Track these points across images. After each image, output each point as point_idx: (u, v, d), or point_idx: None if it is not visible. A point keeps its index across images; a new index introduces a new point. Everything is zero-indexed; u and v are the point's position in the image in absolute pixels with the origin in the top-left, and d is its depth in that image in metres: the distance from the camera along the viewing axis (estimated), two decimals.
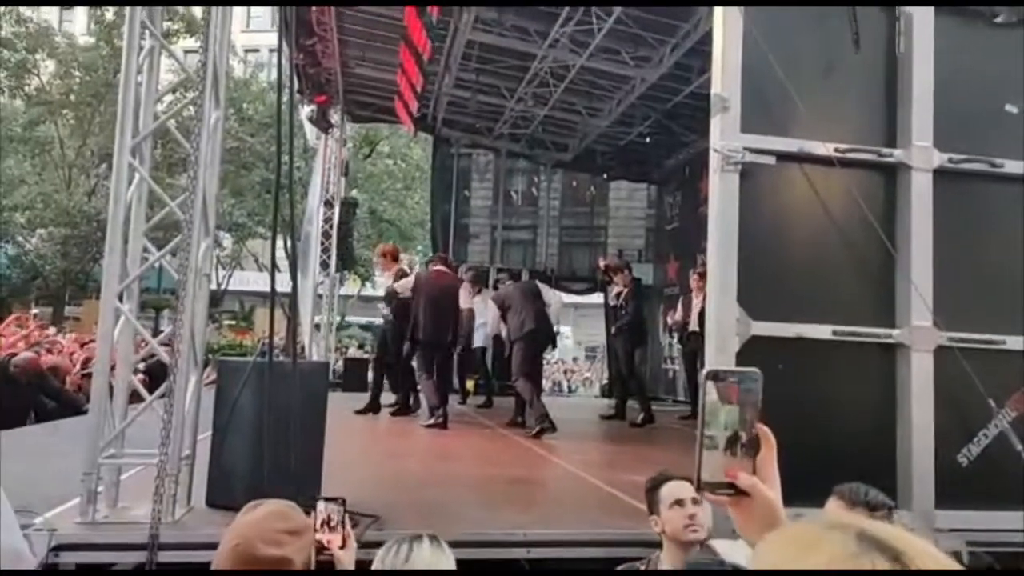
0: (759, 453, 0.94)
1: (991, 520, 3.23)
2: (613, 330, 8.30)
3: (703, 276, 8.09)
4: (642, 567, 2.41)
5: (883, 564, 0.58)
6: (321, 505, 2.16)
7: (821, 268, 3.49)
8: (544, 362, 13.20)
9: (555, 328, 7.26)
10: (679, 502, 2.27)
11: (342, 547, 2.13)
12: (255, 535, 1.69)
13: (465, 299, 7.15)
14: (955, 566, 0.61)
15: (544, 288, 7.38)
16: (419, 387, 7.39)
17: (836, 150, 3.41)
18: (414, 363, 7.36)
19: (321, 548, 2.11)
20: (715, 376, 0.95)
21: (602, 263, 9.12)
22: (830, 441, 3.26)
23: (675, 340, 9.55)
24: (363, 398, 7.95)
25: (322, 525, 2.14)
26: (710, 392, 0.94)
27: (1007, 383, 3.43)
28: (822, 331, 3.36)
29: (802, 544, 0.63)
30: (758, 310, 3.29)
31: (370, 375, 9.17)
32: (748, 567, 0.95)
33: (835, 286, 3.48)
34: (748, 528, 0.94)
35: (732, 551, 2.05)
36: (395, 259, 7.69)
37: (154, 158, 3.94)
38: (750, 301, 3.28)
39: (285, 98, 3.31)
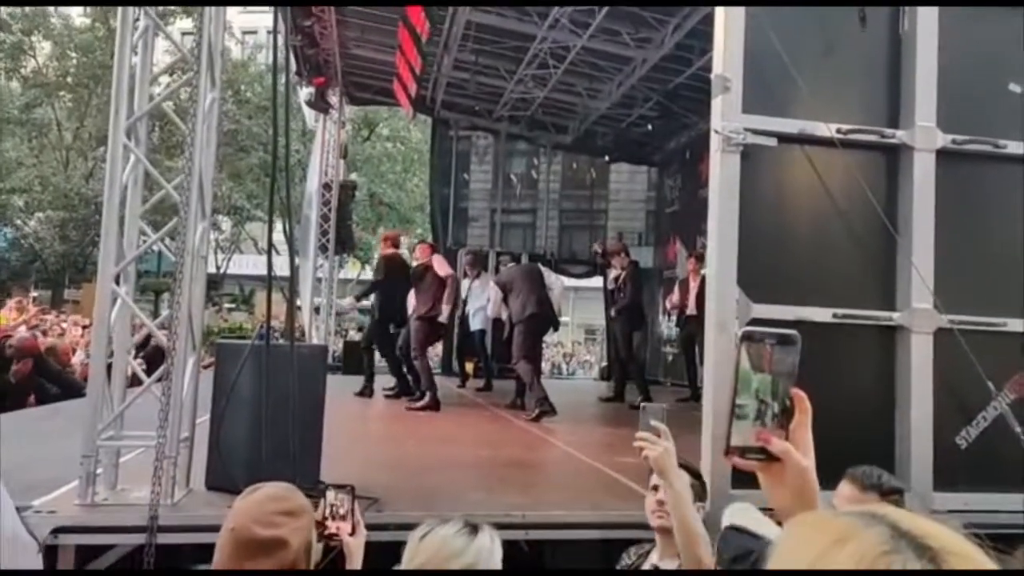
0: (792, 420, 0.90)
1: (989, 502, 3.24)
2: (613, 313, 8.29)
3: (700, 259, 8.10)
4: (640, 554, 2.39)
5: (915, 564, 0.55)
6: (330, 493, 2.17)
7: (822, 250, 3.47)
8: (544, 345, 13.22)
9: (558, 312, 7.28)
10: (654, 487, 2.27)
11: (351, 534, 2.13)
12: (252, 518, 1.69)
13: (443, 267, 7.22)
14: (992, 566, 0.58)
15: (547, 272, 7.37)
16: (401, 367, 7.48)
17: (838, 131, 3.38)
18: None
19: (331, 535, 2.11)
20: (749, 337, 0.90)
21: (598, 247, 9.09)
22: (830, 423, 3.24)
23: (673, 323, 9.55)
24: (362, 381, 7.98)
25: (331, 513, 2.15)
26: (742, 358, 0.89)
27: (1006, 365, 3.42)
28: (823, 314, 3.35)
29: (832, 535, 0.60)
30: (758, 293, 3.27)
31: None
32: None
33: (836, 268, 3.46)
34: (778, 496, 0.90)
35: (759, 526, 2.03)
36: (395, 245, 7.82)
37: (152, 141, 3.90)
38: (750, 283, 3.27)
39: (282, 79, 3.27)
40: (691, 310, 8.07)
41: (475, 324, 9.40)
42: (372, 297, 7.76)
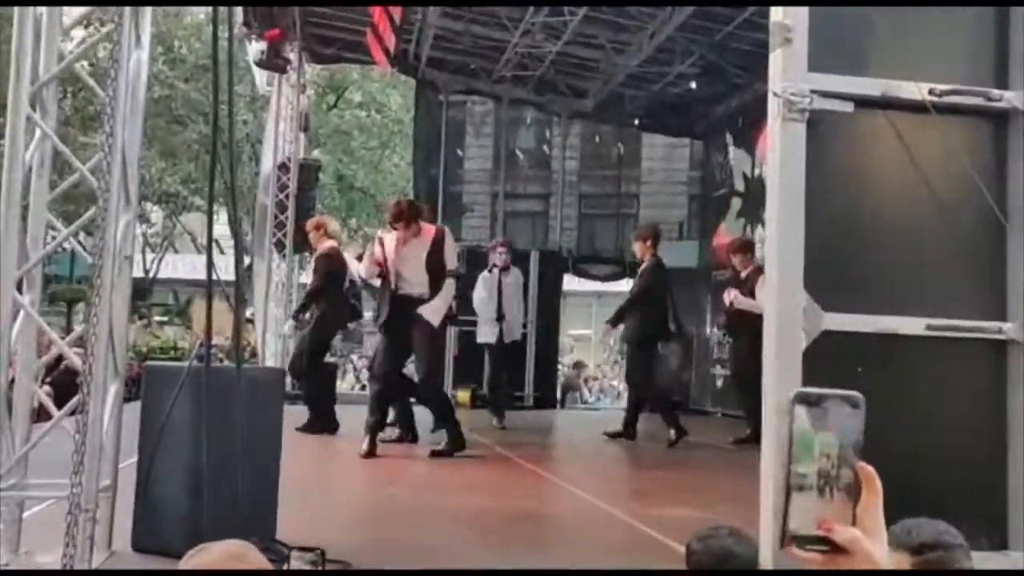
0: (860, 499, 0.93)
1: None
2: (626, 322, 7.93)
3: (745, 248, 8.00)
4: None
5: None
6: (295, 557, 2.19)
7: (911, 244, 3.47)
8: (560, 366, 13.19)
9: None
10: None
11: None
12: None
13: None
14: None
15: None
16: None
17: (931, 92, 3.38)
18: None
19: None
20: (804, 399, 0.94)
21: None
22: (923, 463, 3.25)
23: (723, 334, 9.49)
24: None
25: None
26: (799, 418, 0.93)
27: None
28: (913, 325, 3.34)
29: None
30: (830, 298, 3.27)
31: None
32: None
33: (929, 267, 3.46)
34: None
35: None
36: (327, 233, 7.91)
37: (63, 110, 3.93)
38: (820, 287, 3.27)
39: (224, 32, 3.29)
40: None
41: (482, 336, 9.03)
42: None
